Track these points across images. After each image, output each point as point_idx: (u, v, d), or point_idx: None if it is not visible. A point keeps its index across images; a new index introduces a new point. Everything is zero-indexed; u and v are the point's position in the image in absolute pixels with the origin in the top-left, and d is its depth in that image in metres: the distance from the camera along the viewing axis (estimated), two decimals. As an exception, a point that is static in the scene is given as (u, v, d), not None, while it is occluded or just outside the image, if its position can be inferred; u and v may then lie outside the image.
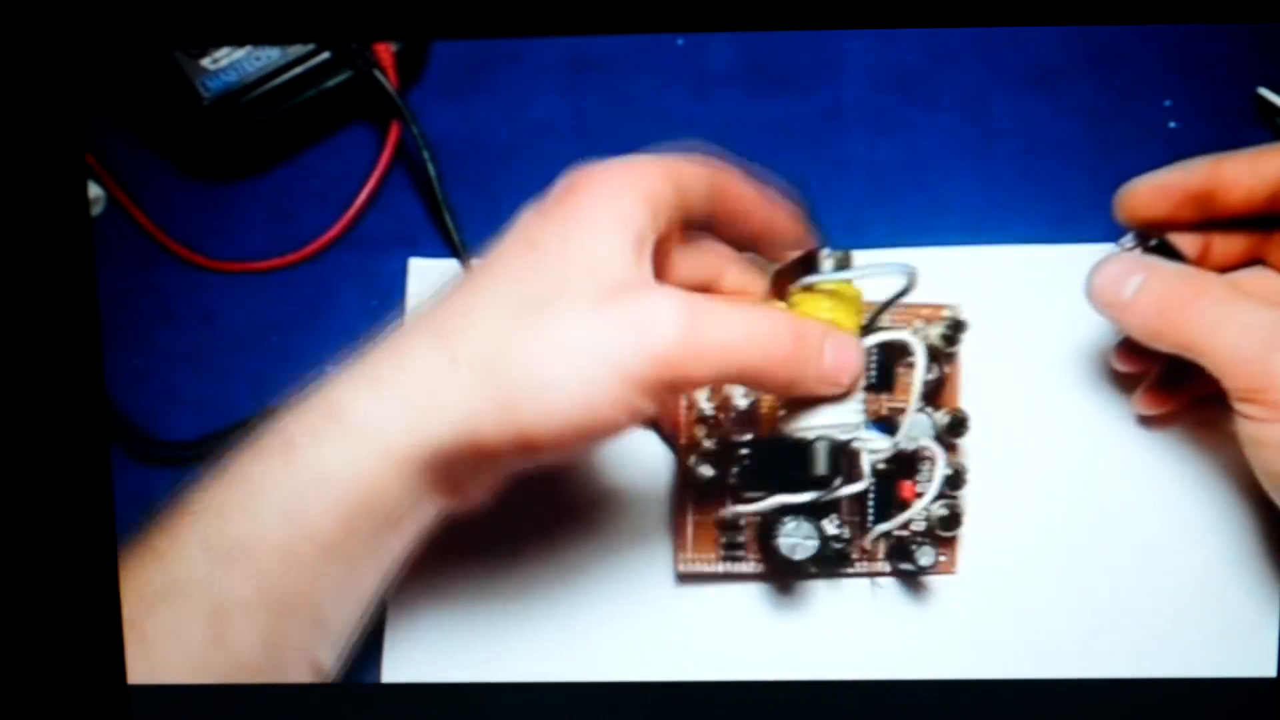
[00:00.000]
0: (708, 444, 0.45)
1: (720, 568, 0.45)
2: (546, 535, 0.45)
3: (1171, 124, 0.50)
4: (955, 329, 0.45)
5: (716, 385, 0.45)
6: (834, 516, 0.44)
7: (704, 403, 0.46)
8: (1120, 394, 0.46)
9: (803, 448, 0.41)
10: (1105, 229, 0.48)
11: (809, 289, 0.41)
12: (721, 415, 0.46)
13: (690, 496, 0.45)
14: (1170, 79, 0.50)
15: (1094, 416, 0.46)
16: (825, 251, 0.42)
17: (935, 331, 0.45)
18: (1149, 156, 0.49)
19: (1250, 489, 0.45)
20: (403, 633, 0.44)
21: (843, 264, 0.42)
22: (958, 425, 0.45)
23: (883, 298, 0.43)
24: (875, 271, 0.41)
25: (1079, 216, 0.49)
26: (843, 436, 0.41)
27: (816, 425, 0.41)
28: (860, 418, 0.41)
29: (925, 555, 0.43)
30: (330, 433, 0.37)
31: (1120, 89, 0.51)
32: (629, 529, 0.45)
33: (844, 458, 0.42)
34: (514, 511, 0.45)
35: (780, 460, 0.42)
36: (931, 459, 0.43)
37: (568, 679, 0.44)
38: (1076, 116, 0.50)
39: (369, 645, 0.44)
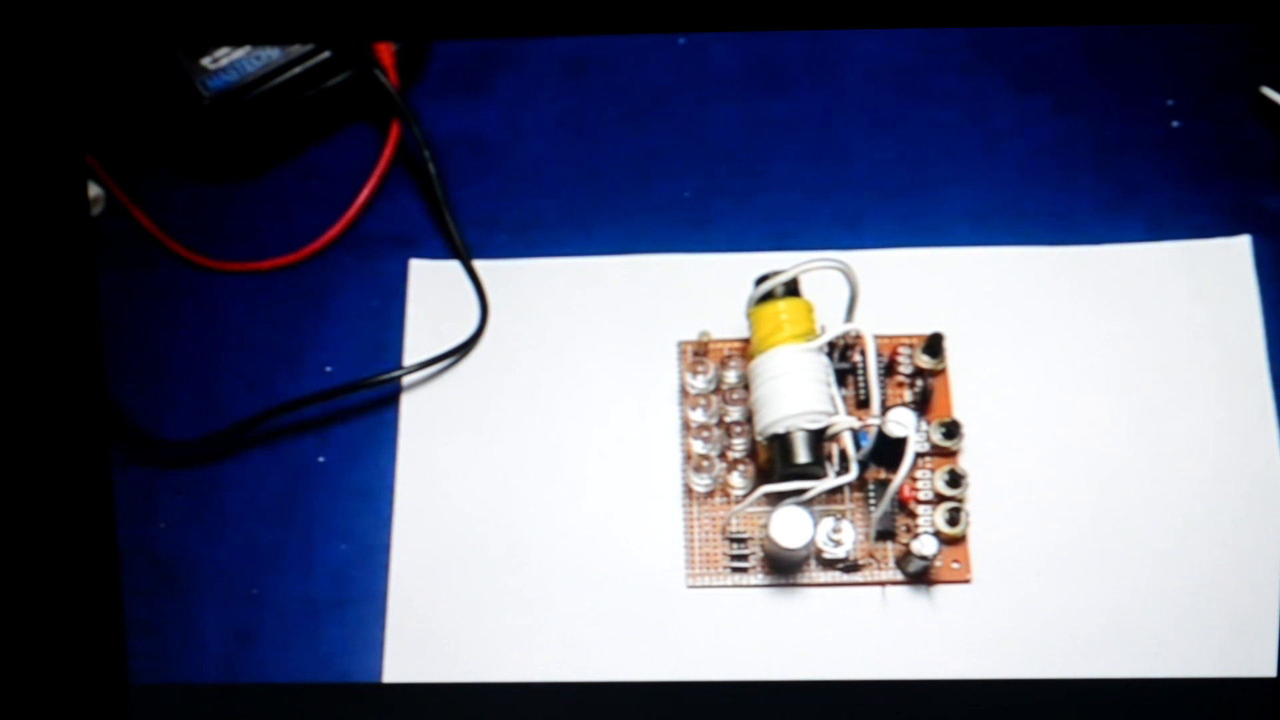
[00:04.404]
0: (704, 454, 0.46)
1: (729, 580, 0.45)
2: (551, 533, 0.45)
3: (1173, 124, 0.50)
4: (935, 342, 0.46)
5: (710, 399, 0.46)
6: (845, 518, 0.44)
7: (700, 414, 0.46)
8: (1121, 394, 0.46)
9: (783, 441, 0.43)
10: (1105, 229, 0.49)
11: (764, 301, 0.44)
12: (716, 427, 0.46)
13: (694, 510, 0.45)
14: (1170, 79, 0.51)
15: (1094, 417, 0.46)
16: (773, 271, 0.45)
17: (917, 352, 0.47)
18: (1149, 156, 0.50)
19: (1251, 489, 0.45)
20: (403, 633, 0.44)
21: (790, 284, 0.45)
22: (953, 432, 0.45)
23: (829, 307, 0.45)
24: (812, 265, 0.44)
25: (1079, 216, 0.49)
26: (812, 425, 0.43)
27: (782, 418, 0.43)
28: (827, 405, 0.43)
29: (926, 545, 0.43)
30: None
31: (1120, 89, 0.51)
32: (636, 531, 0.45)
33: (833, 450, 0.43)
34: (514, 509, 0.46)
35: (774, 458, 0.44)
36: (908, 441, 0.44)
37: (570, 679, 0.44)
38: (1076, 116, 0.50)
39: (369, 645, 0.44)
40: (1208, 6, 0.42)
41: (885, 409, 0.45)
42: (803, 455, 0.43)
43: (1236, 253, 0.48)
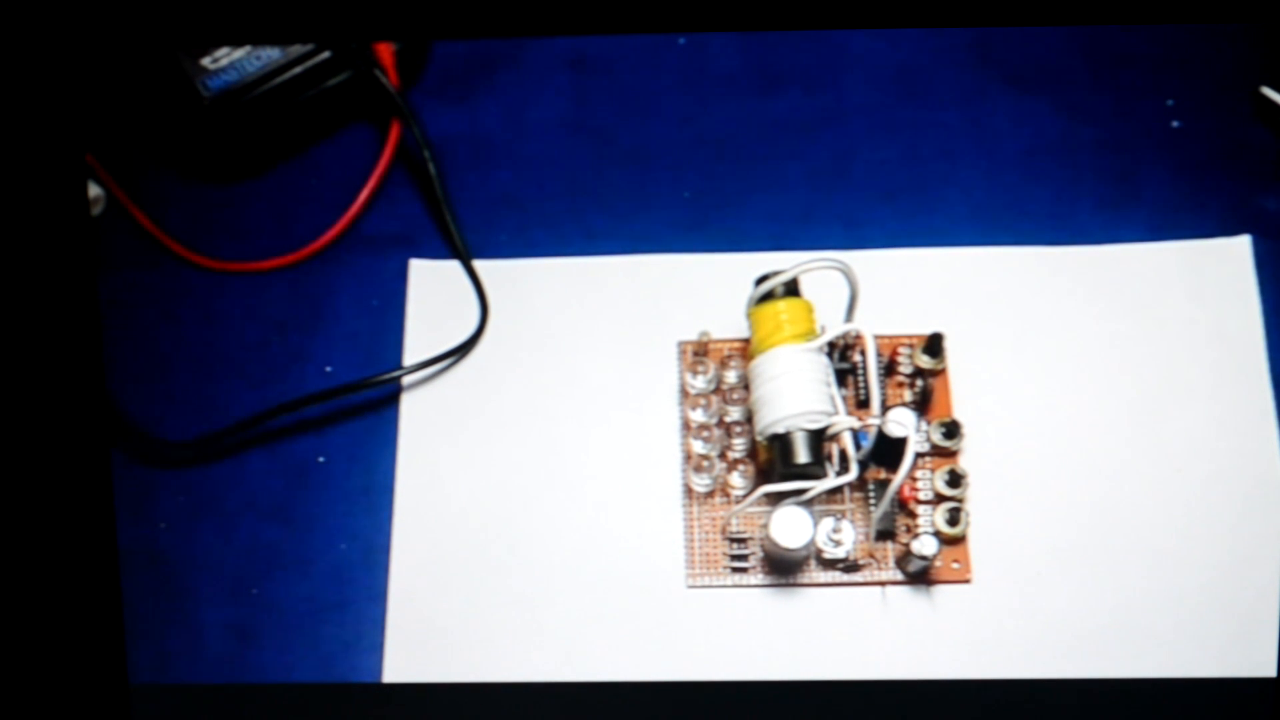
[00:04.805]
0: (704, 454, 0.46)
1: (729, 580, 0.45)
2: (551, 534, 0.45)
3: (1173, 124, 0.50)
4: (935, 342, 0.46)
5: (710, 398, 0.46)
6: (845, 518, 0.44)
7: (700, 414, 0.46)
8: (1120, 394, 0.46)
9: (783, 441, 0.43)
10: (1105, 229, 0.49)
11: (764, 301, 0.44)
12: (716, 427, 0.46)
13: (694, 510, 0.45)
14: (1171, 79, 0.51)
15: (1095, 417, 0.46)
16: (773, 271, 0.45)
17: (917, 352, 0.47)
18: (1149, 157, 0.50)
19: (1251, 489, 0.45)
20: (403, 633, 0.44)
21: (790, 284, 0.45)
22: (953, 432, 0.45)
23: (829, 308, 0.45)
24: (812, 265, 0.44)
25: (1079, 216, 0.49)
26: (812, 425, 0.43)
27: (782, 418, 0.43)
28: (827, 405, 0.43)
29: (926, 545, 0.43)
30: None
31: (1120, 89, 0.51)
32: (636, 531, 0.45)
33: (833, 450, 0.43)
34: (514, 509, 0.46)
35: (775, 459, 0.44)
36: (908, 441, 0.44)
37: (570, 679, 0.44)
38: (1076, 116, 0.50)
39: (369, 645, 0.44)
40: (1208, 6, 0.42)
41: (885, 409, 0.45)
42: (803, 455, 0.43)
43: (1236, 253, 0.48)
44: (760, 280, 0.45)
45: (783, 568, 0.45)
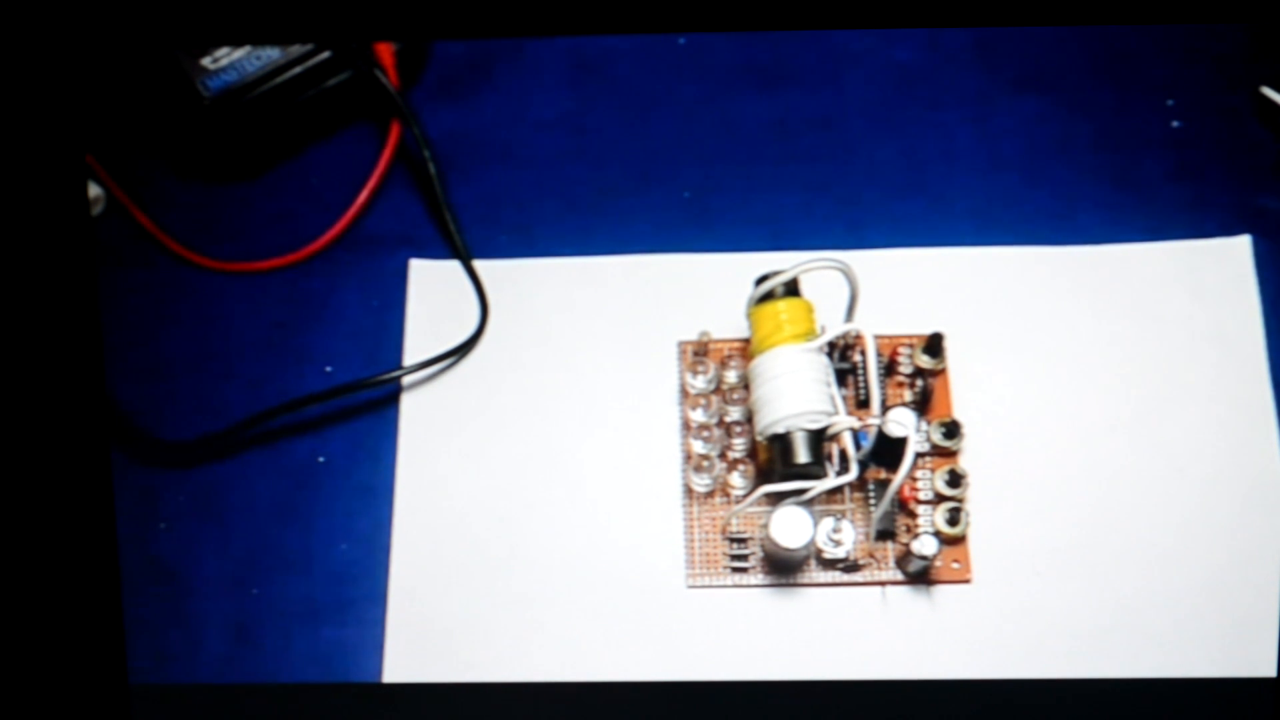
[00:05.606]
0: (704, 454, 0.46)
1: (729, 580, 0.45)
2: (551, 533, 0.45)
3: (1174, 124, 0.50)
4: (935, 342, 0.46)
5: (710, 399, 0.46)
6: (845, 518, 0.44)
7: (700, 414, 0.46)
8: (1120, 394, 0.46)
9: (783, 441, 0.43)
10: (1105, 229, 0.49)
11: (764, 301, 0.44)
12: (716, 427, 0.46)
13: (694, 510, 0.45)
14: (1170, 79, 0.51)
15: (1095, 417, 0.46)
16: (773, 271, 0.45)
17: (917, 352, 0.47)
18: (1150, 156, 0.50)
19: (1251, 489, 0.45)
20: (403, 633, 0.44)
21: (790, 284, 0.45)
22: (953, 432, 0.45)
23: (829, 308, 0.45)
24: (812, 265, 0.44)
25: (1079, 216, 0.49)
26: (812, 425, 0.43)
27: (783, 418, 0.43)
28: (827, 405, 0.43)
29: (926, 545, 0.43)
30: None
31: (1120, 89, 0.51)
32: (636, 531, 0.45)
33: (833, 450, 0.43)
34: (514, 509, 0.46)
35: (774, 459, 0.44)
36: (908, 441, 0.44)
37: (570, 679, 0.44)
38: (1076, 116, 0.50)
39: (369, 645, 0.44)
40: (1208, 6, 0.42)
41: (885, 409, 0.45)
42: (803, 455, 0.43)
43: (1236, 253, 0.48)
44: (760, 280, 0.45)
45: (783, 568, 0.45)
